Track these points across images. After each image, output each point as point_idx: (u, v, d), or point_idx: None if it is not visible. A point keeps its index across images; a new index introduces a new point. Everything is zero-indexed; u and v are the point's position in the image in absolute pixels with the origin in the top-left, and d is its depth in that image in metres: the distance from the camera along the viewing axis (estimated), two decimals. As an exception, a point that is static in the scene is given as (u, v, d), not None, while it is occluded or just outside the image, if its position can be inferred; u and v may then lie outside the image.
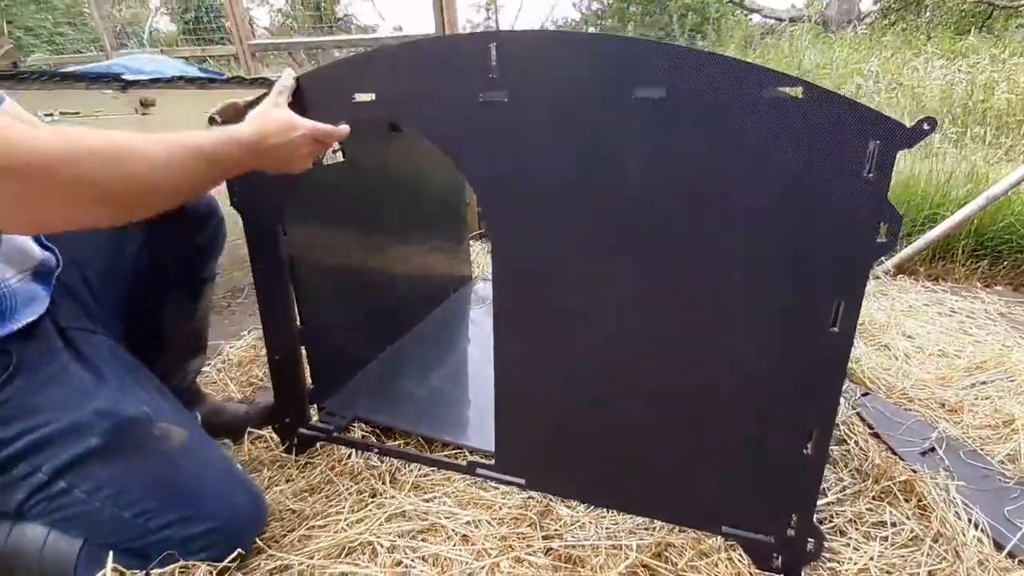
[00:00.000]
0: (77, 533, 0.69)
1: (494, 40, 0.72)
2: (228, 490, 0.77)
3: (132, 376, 0.79)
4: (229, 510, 0.75)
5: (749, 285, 0.70)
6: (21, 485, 0.67)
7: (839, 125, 0.61)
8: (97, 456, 0.69)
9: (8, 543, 0.67)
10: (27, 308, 0.71)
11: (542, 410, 0.89)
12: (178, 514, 0.71)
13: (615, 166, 0.71)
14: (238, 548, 0.75)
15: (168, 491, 0.72)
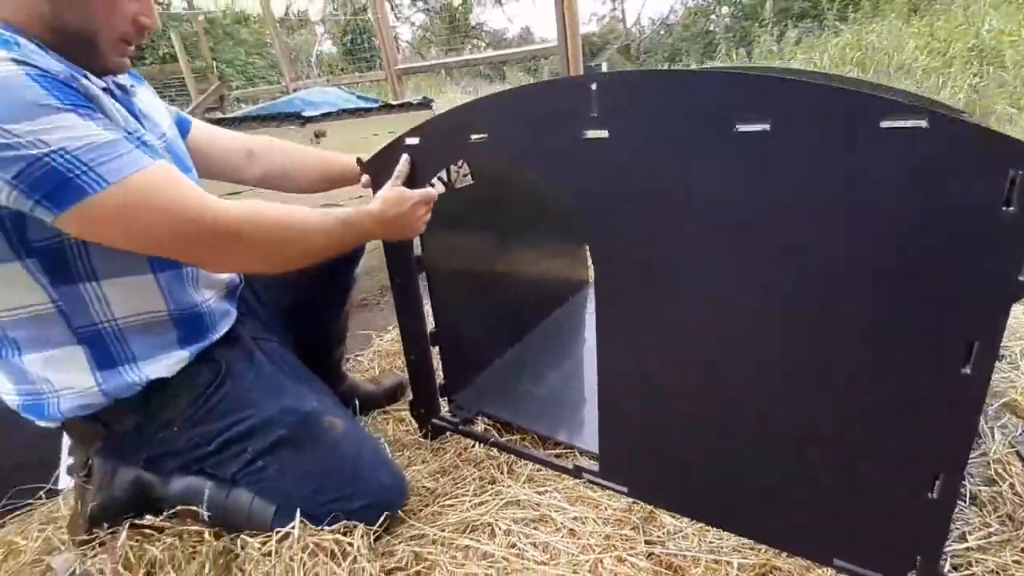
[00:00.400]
0: (272, 500, 0.89)
1: (594, 81, 0.78)
2: (377, 472, 0.94)
3: (302, 377, 1.00)
4: (378, 490, 0.92)
5: (866, 321, 0.69)
6: (234, 461, 0.89)
7: (971, 156, 0.57)
8: (284, 443, 0.88)
9: (227, 501, 0.90)
10: (222, 321, 0.93)
11: (645, 422, 0.94)
12: (341, 492, 0.89)
13: (717, 200, 0.73)
14: (388, 514, 0.92)
15: (333, 473, 0.90)
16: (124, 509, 0.90)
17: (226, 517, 0.89)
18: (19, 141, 0.60)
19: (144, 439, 0.87)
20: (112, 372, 0.80)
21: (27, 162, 0.60)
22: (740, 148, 0.69)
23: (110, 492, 0.89)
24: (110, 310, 0.78)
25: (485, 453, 1.16)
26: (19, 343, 0.76)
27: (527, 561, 0.87)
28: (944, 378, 0.65)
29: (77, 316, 0.76)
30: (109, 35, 0.73)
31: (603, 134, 0.79)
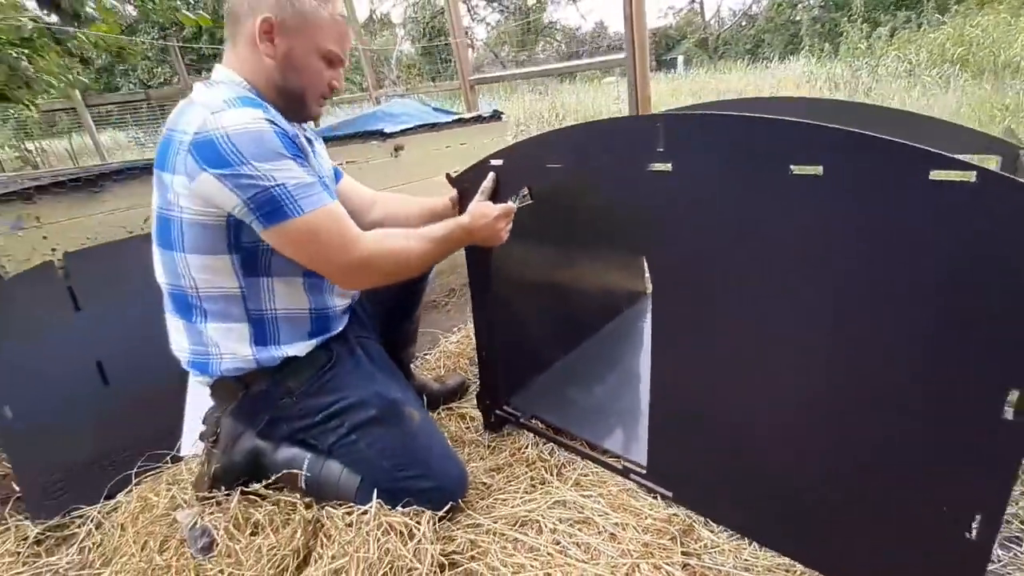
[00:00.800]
0: (357, 472, 1.05)
1: (661, 121, 0.85)
2: (446, 462, 1.09)
3: (391, 371, 1.19)
4: (446, 476, 1.07)
5: (912, 364, 0.71)
6: (333, 433, 1.07)
7: (1017, 213, 0.59)
8: (374, 421, 1.06)
9: (321, 472, 1.07)
10: (340, 322, 1.13)
11: (692, 431, 0.99)
12: (418, 471, 1.04)
13: (771, 235, 0.78)
14: (451, 503, 1.05)
15: (412, 453, 1.06)
16: (240, 473, 1.09)
17: (319, 485, 1.07)
18: (260, 174, 0.86)
19: (270, 401, 1.07)
20: (264, 348, 1.03)
21: (259, 190, 0.87)
22: (793, 188, 0.74)
23: (231, 457, 1.09)
24: (273, 301, 1.02)
25: (537, 455, 1.25)
26: (208, 314, 1.00)
27: (569, 558, 0.96)
28: (985, 422, 0.67)
29: (252, 301, 1.01)
30: (313, 94, 1.02)
31: (667, 167, 0.86)
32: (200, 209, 0.91)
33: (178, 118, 0.92)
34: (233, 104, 0.89)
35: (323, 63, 1.00)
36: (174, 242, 0.95)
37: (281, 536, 0.98)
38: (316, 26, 0.96)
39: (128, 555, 1.04)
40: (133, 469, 1.25)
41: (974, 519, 0.72)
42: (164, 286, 1.03)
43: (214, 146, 0.85)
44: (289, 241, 0.92)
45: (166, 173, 0.91)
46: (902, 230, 0.67)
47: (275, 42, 0.95)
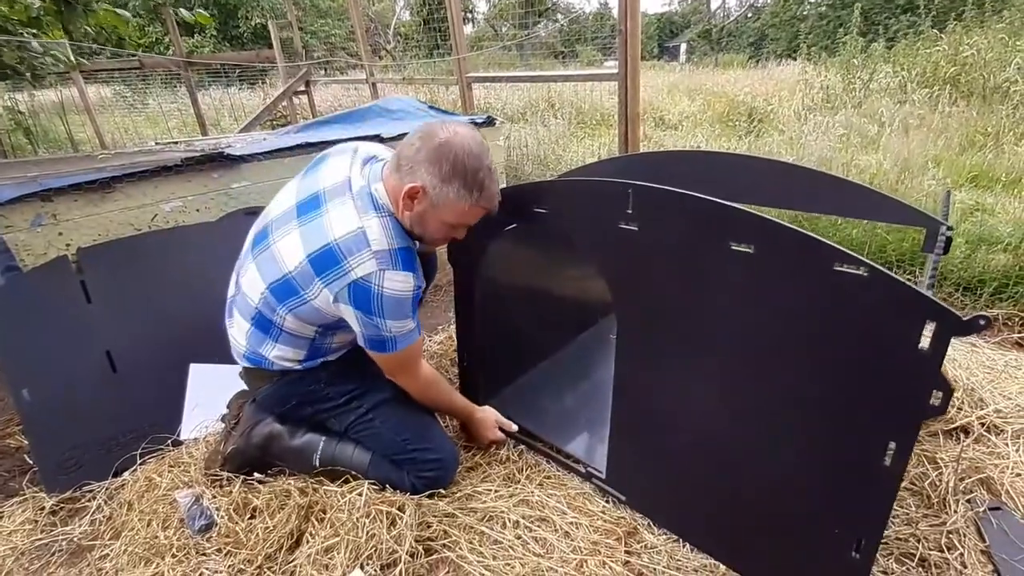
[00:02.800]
0: (369, 448, 1.24)
1: (631, 188, 0.96)
2: (444, 440, 1.30)
3: None
4: (446, 451, 1.27)
5: (813, 416, 0.85)
6: (352, 413, 1.25)
7: (898, 305, 0.72)
8: (387, 402, 1.26)
9: (336, 450, 1.24)
10: None
11: (644, 447, 1.14)
12: (423, 444, 1.24)
13: (714, 294, 0.91)
14: (449, 476, 1.27)
15: (420, 428, 1.26)
16: (250, 457, 1.24)
17: (334, 460, 1.24)
18: (384, 328, 1.10)
19: (301, 387, 1.25)
20: (311, 361, 1.24)
21: (377, 335, 1.11)
22: (732, 260, 0.86)
23: (248, 439, 1.24)
24: (334, 341, 1.24)
25: (507, 455, 1.39)
26: (280, 340, 1.19)
27: (527, 552, 1.10)
28: (868, 467, 0.81)
29: (318, 342, 1.21)
30: (433, 242, 1.22)
31: (634, 227, 0.98)
32: (324, 309, 1.11)
33: (351, 246, 1.05)
34: (396, 261, 1.06)
35: (449, 228, 1.15)
36: (286, 303, 1.12)
37: (277, 519, 1.11)
38: (453, 207, 1.09)
39: (136, 530, 1.16)
40: (138, 450, 1.37)
41: (859, 542, 0.87)
42: (252, 302, 1.18)
43: (368, 298, 1.06)
44: (374, 357, 1.18)
45: (319, 280, 1.07)
46: (812, 306, 0.80)
47: (415, 202, 1.09)
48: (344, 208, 1.09)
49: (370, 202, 1.10)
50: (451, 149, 1.05)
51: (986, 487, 1.23)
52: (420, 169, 1.06)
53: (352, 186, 1.11)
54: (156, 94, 7.58)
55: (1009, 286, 2.00)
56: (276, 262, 1.12)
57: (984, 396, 1.46)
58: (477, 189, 1.08)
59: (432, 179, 1.06)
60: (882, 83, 4.92)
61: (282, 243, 1.12)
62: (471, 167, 1.06)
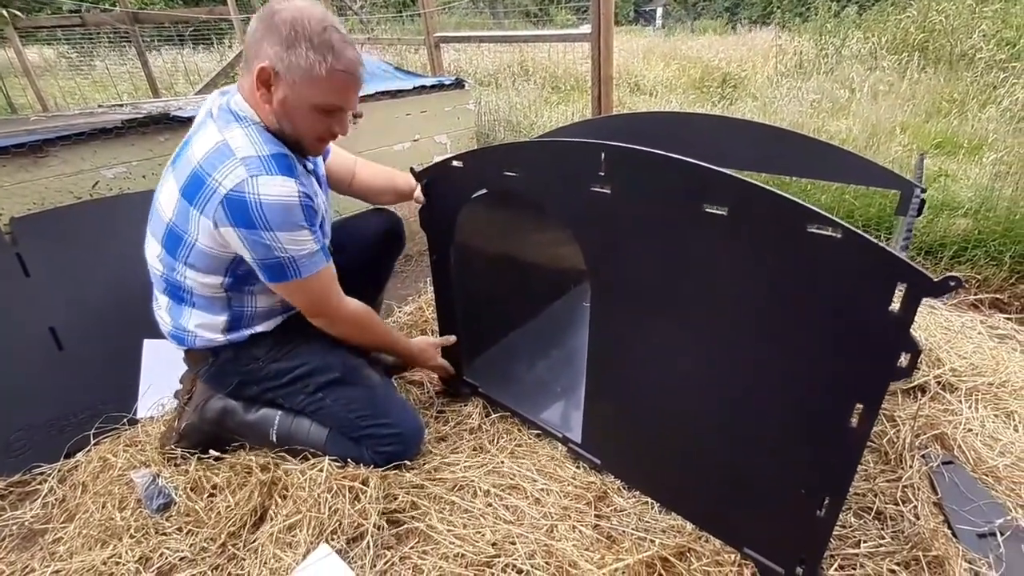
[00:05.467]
0: (326, 424, 1.19)
1: (603, 150, 0.93)
2: (405, 413, 1.25)
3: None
4: (406, 423, 1.22)
5: (780, 378, 0.85)
6: (301, 392, 1.19)
7: (871, 267, 0.71)
8: (337, 382, 1.19)
9: (293, 426, 1.20)
10: None
11: (619, 413, 1.14)
12: (379, 420, 1.19)
13: (687, 259, 0.89)
14: (412, 449, 1.22)
15: (373, 405, 1.20)
16: (206, 433, 1.20)
17: (290, 439, 1.20)
18: (275, 244, 0.99)
19: (238, 365, 1.18)
20: (237, 332, 1.15)
21: (270, 256, 1.00)
22: (705, 222, 0.84)
23: (202, 414, 1.20)
24: (255, 302, 1.14)
25: (479, 424, 1.38)
26: (195, 304, 1.11)
27: (498, 520, 1.10)
28: (835, 428, 0.82)
29: (236, 302, 1.13)
30: (310, 139, 1.07)
31: (607, 190, 0.94)
32: (213, 245, 1.02)
33: (213, 161, 0.97)
34: (269, 166, 0.97)
35: (320, 113, 1.02)
36: (179, 255, 1.05)
37: (239, 496, 1.08)
38: (310, 79, 0.97)
39: (90, 512, 1.12)
40: (91, 430, 1.31)
41: (824, 500, 0.88)
42: (157, 272, 1.11)
43: (246, 209, 0.95)
44: (280, 290, 1.08)
45: (193, 209, 0.99)
46: (785, 268, 0.79)
47: (271, 90, 0.99)
48: (205, 131, 1.01)
49: (230, 115, 1.02)
50: (289, 13, 0.96)
51: (940, 443, 1.28)
52: (262, 47, 0.97)
53: (212, 112, 1.04)
54: (104, 55, 7.09)
55: (968, 249, 2.06)
56: (160, 217, 1.06)
57: (941, 356, 1.51)
58: (327, 50, 0.97)
59: (276, 50, 0.96)
60: (853, 49, 4.93)
61: (161, 196, 1.06)
62: (315, 27, 0.96)
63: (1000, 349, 1.57)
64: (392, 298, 1.99)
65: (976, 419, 1.33)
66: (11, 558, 1.09)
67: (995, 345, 1.59)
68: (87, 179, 1.36)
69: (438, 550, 1.04)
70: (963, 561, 0.98)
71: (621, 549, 1.03)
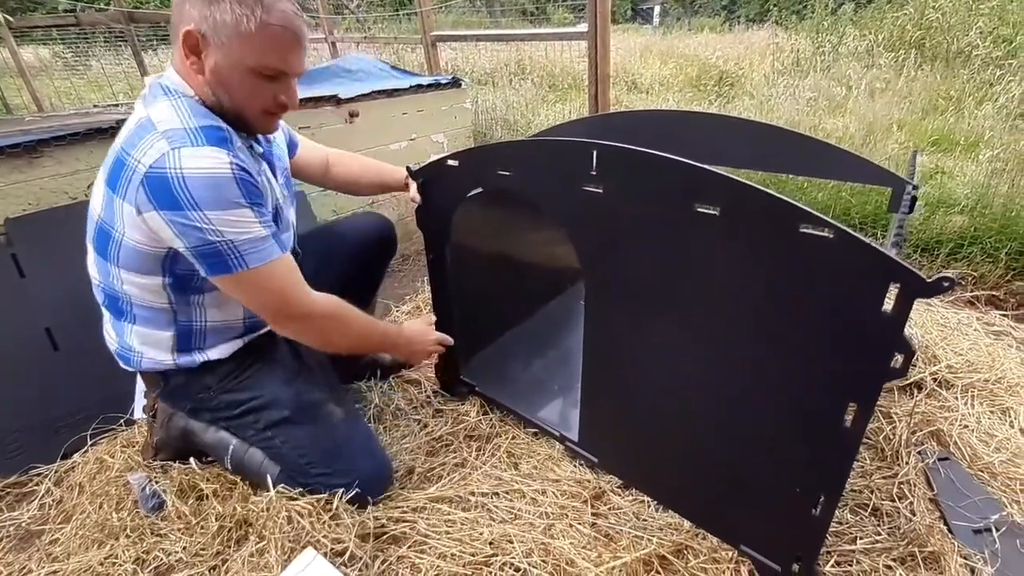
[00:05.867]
0: (277, 463, 1.10)
1: (595, 149, 0.93)
2: (365, 459, 1.11)
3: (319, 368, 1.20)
4: (364, 469, 1.09)
5: (776, 378, 0.85)
6: (250, 427, 1.10)
7: (863, 267, 0.71)
8: (287, 421, 1.08)
9: (246, 457, 1.12)
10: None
11: (616, 412, 1.13)
12: (329, 468, 1.08)
13: (680, 259, 0.89)
14: (373, 494, 1.10)
15: (325, 452, 1.08)
16: (176, 447, 1.17)
17: (242, 469, 1.13)
18: (207, 227, 0.84)
19: (189, 393, 1.10)
20: (186, 354, 1.05)
21: (204, 242, 0.86)
22: (697, 222, 0.84)
23: (167, 432, 1.17)
24: (204, 316, 1.03)
25: (476, 423, 1.38)
26: (136, 318, 1.01)
27: (493, 520, 1.10)
28: (830, 427, 0.82)
29: (182, 314, 1.01)
30: (253, 112, 0.94)
31: (598, 189, 0.94)
32: (141, 239, 0.90)
33: (133, 139, 0.86)
34: (195, 137, 0.85)
35: (259, 79, 0.90)
36: (110, 255, 0.94)
37: (227, 505, 1.08)
38: (242, 39, 0.86)
39: (87, 513, 1.12)
40: (88, 431, 1.31)
41: (820, 498, 0.89)
42: (97, 282, 1.02)
43: (168, 187, 0.82)
44: (229, 288, 0.93)
45: (116, 196, 0.88)
46: (777, 268, 0.79)
47: (201, 57, 0.88)
48: (133, 113, 0.91)
49: (159, 91, 0.90)
50: None
51: (936, 439, 1.28)
52: (184, 8, 0.85)
53: (144, 93, 0.93)
54: (100, 55, 7.05)
55: (964, 247, 2.06)
56: (91, 216, 0.96)
57: (937, 353, 1.51)
58: (256, 2, 0.85)
59: (200, 9, 0.84)
60: (850, 47, 4.93)
61: (92, 198, 0.96)
62: None
63: (996, 346, 1.58)
64: (390, 297, 1.99)
65: (972, 415, 1.33)
66: (8, 559, 1.09)
67: (991, 342, 1.60)
68: (82, 179, 1.36)
69: (436, 550, 1.04)
70: (959, 557, 0.99)
71: (618, 547, 1.03)
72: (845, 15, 5.41)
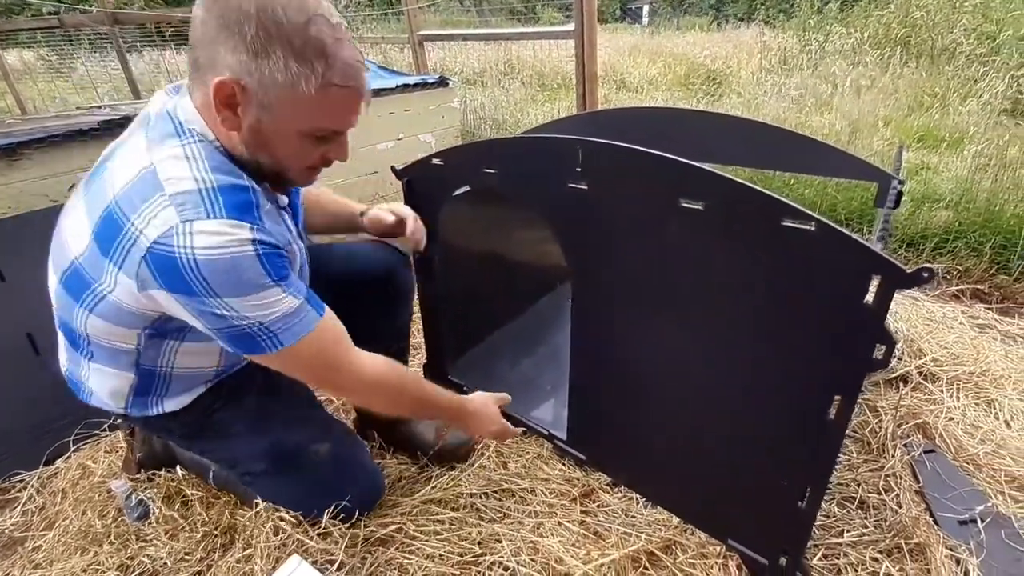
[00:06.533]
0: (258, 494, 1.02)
1: (580, 145, 0.93)
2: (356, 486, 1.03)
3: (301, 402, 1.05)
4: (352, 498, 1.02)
5: (763, 365, 0.85)
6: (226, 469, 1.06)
7: (845, 260, 0.72)
8: (266, 473, 0.99)
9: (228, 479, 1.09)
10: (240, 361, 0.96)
11: (603, 409, 1.13)
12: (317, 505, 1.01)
13: (665, 255, 0.89)
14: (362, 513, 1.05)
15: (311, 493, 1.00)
16: (161, 461, 1.16)
17: (226, 486, 1.11)
18: (230, 313, 0.71)
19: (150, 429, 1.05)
20: (142, 400, 0.90)
21: (228, 326, 0.73)
22: (682, 217, 0.84)
23: (150, 447, 1.15)
24: (173, 360, 0.87)
25: (464, 424, 1.37)
26: (93, 355, 0.85)
27: (481, 520, 1.10)
28: (814, 420, 0.82)
29: (146, 359, 0.85)
30: (295, 170, 0.80)
31: (583, 186, 0.94)
32: (135, 305, 0.75)
33: (133, 198, 0.69)
34: (212, 204, 0.69)
35: (311, 140, 0.77)
36: (82, 301, 0.78)
37: (212, 512, 1.07)
38: (296, 102, 0.71)
39: (70, 520, 1.10)
40: (71, 436, 1.29)
41: (806, 492, 0.89)
42: (55, 307, 0.87)
43: (178, 270, 0.68)
44: (263, 362, 0.80)
45: (108, 261, 0.72)
46: (761, 263, 0.79)
47: (237, 112, 0.71)
48: (131, 147, 0.73)
49: (169, 125, 0.73)
50: (249, 2, 0.66)
51: (922, 432, 1.29)
52: (217, 50, 0.67)
53: (149, 117, 0.75)
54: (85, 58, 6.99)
55: (949, 241, 2.08)
56: (63, 247, 0.80)
57: (923, 346, 1.52)
58: (317, 55, 0.68)
59: (239, 59, 0.67)
60: (836, 45, 4.98)
61: (67, 222, 0.80)
62: (294, 19, 0.66)
63: (981, 339, 1.59)
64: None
65: (957, 408, 1.35)
66: (-11, 568, 1.08)
67: (976, 335, 1.62)
68: (63, 182, 1.34)
69: (424, 551, 1.04)
70: (944, 548, 0.99)
71: (607, 544, 1.03)
72: (831, 13, 5.45)
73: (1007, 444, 1.24)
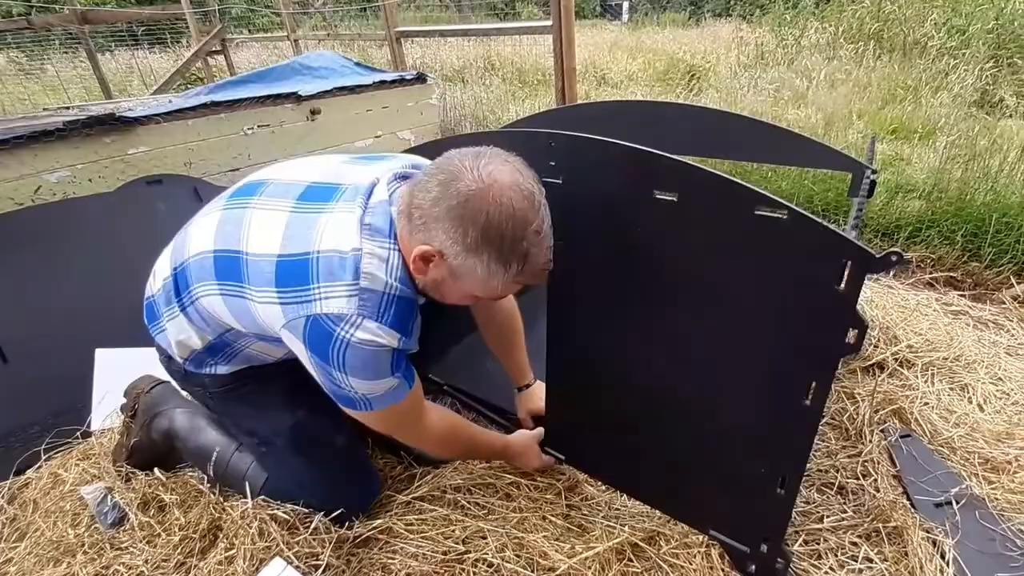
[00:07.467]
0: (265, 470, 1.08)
1: (552, 139, 0.92)
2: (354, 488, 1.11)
3: None
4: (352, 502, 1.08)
5: (738, 354, 0.86)
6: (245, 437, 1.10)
7: (817, 246, 0.72)
8: (282, 448, 1.06)
9: (230, 464, 1.10)
10: None
11: (580, 406, 1.13)
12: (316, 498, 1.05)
13: (641, 247, 0.89)
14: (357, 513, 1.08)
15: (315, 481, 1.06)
16: (155, 451, 1.14)
17: (225, 476, 1.10)
18: (346, 386, 0.85)
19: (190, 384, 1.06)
20: (202, 359, 1.00)
21: (338, 389, 0.86)
22: (657, 209, 0.84)
23: (148, 433, 1.14)
24: (250, 346, 0.97)
25: (448, 421, 1.36)
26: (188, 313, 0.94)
27: (466, 517, 1.09)
28: (790, 406, 0.83)
29: (231, 337, 0.95)
30: (451, 303, 0.93)
31: (558, 180, 0.94)
32: (263, 325, 0.87)
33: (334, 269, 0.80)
34: (384, 313, 0.81)
35: (474, 298, 0.90)
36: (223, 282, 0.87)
37: (191, 516, 1.04)
38: (481, 283, 0.82)
39: (41, 530, 1.07)
40: (42, 445, 1.26)
41: (783, 478, 0.90)
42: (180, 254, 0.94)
43: (327, 344, 0.80)
44: (353, 415, 0.93)
45: (276, 289, 0.82)
46: (735, 252, 0.80)
47: (429, 267, 0.82)
48: (349, 217, 0.84)
49: (385, 225, 0.84)
50: (481, 209, 0.76)
51: (898, 417, 1.32)
52: (436, 228, 0.78)
53: (373, 194, 0.87)
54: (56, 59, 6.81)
55: (922, 230, 2.13)
56: (239, 231, 0.87)
57: (898, 333, 1.55)
58: (518, 261, 0.80)
59: (453, 245, 0.78)
60: (812, 39, 5.05)
61: (262, 214, 0.88)
62: (510, 235, 0.77)
63: (954, 325, 1.63)
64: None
65: (932, 393, 1.37)
66: (-43, 583, 1.04)
67: (949, 321, 1.65)
68: (28, 184, 1.30)
69: (407, 550, 1.03)
70: (921, 530, 1.01)
71: (591, 537, 1.03)
72: (806, 8, 5.53)
73: (980, 427, 1.26)
